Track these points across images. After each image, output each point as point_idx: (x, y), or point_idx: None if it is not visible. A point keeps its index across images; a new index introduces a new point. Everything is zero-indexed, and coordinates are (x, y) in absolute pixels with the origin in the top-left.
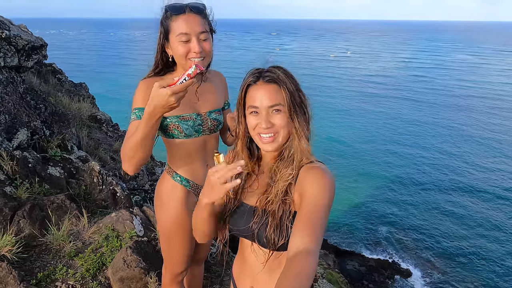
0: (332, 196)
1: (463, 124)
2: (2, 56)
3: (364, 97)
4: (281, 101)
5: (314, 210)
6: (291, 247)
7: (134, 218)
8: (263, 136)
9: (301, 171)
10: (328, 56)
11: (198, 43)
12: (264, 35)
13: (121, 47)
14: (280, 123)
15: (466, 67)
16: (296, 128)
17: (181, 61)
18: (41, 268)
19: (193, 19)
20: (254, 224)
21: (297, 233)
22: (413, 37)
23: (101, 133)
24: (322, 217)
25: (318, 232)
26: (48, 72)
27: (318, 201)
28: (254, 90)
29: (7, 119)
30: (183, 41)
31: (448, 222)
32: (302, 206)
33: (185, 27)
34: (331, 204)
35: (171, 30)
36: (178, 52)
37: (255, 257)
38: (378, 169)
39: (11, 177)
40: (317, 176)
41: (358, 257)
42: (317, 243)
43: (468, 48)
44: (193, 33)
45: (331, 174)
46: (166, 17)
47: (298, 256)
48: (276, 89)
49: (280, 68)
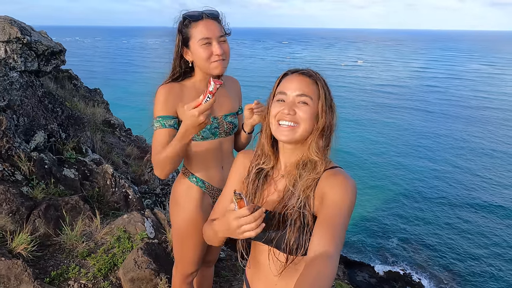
0: (354, 202)
1: (476, 136)
2: (23, 61)
3: (374, 107)
4: (312, 94)
5: (335, 214)
6: (311, 250)
7: (146, 221)
8: (282, 124)
9: (323, 176)
10: (339, 65)
11: (219, 46)
12: (275, 43)
13: (133, 54)
14: (303, 115)
15: (480, 77)
16: (319, 127)
17: (205, 64)
18: (55, 266)
19: (211, 24)
20: (272, 231)
21: (316, 236)
22: (427, 46)
23: (114, 138)
24: (343, 222)
25: (339, 236)
26: (64, 78)
27: (339, 206)
28: (288, 80)
29: (25, 122)
30: (205, 45)
31: (459, 237)
32: (323, 210)
33: (206, 31)
34: (352, 210)
35: (191, 37)
36: (201, 55)
37: (272, 262)
38: (389, 180)
39: (28, 177)
40: (339, 181)
41: (368, 268)
42: (337, 247)
43: (483, 58)
44: (213, 37)
45: (353, 180)
46: (184, 25)
47: (318, 259)
48: (309, 82)
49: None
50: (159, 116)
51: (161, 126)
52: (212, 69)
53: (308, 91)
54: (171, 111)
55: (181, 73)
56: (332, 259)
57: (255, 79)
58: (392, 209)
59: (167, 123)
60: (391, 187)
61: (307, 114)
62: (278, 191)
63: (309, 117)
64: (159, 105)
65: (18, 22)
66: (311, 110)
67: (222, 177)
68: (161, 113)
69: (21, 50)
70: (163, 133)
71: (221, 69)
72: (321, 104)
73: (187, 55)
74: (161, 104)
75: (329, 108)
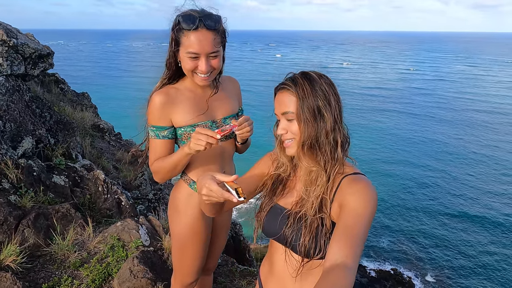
0: (374, 211)
1: (461, 139)
2: (10, 64)
3: (360, 110)
4: (292, 108)
5: (355, 222)
6: (329, 259)
7: (140, 228)
8: (284, 141)
9: (344, 181)
10: (326, 66)
11: (206, 63)
12: (263, 46)
13: (120, 58)
14: (295, 130)
15: (465, 79)
16: (301, 138)
17: (189, 74)
18: (46, 278)
19: (204, 38)
20: (288, 229)
21: (335, 245)
22: (413, 48)
23: (104, 142)
24: (362, 232)
25: (357, 247)
26: (51, 82)
27: (360, 214)
28: (276, 97)
29: (12, 127)
30: (192, 58)
31: (450, 236)
32: (342, 217)
33: (196, 46)
34: (372, 219)
35: (181, 44)
36: (186, 66)
37: (286, 263)
38: (378, 181)
39: (16, 185)
40: (361, 189)
41: (359, 268)
42: (355, 259)
43: (468, 59)
44: (203, 53)
45: (374, 188)
46: (178, 29)
47: (336, 269)
48: (287, 95)
49: (307, 74)
50: (153, 126)
51: (155, 136)
52: (196, 80)
53: (288, 106)
54: (165, 120)
55: (176, 72)
56: (350, 271)
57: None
58: (382, 209)
59: (161, 134)
60: (380, 188)
61: (295, 129)
62: (297, 191)
63: (298, 131)
64: (154, 114)
65: (3, 24)
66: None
67: None
68: (155, 122)
69: (7, 53)
70: (158, 144)
71: (205, 82)
72: (297, 116)
73: (178, 56)
74: (155, 113)
75: (312, 117)
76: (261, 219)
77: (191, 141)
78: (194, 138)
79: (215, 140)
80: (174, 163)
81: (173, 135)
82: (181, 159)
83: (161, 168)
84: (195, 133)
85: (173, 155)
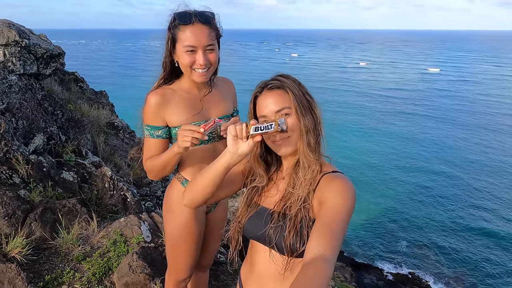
0: (353, 207)
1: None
2: (22, 64)
3: (379, 113)
4: (288, 104)
5: (334, 218)
6: (308, 252)
7: (142, 224)
8: (277, 141)
9: (323, 179)
10: (343, 66)
11: (203, 56)
12: (280, 45)
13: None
14: (291, 126)
15: (490, 79)
16: (301, 129)
17: (186, 70)
18: (49, 270)
19: (200, 31)
20: (271, 228)
21: (314, 239)
22: (435, 46)
23: (118, 140)
24: (341, 226)
25: (336, 241)
26: (70, 80)
27: (338, 210)
28: (261, 100)
29: (24, 125)
30: (189, 52)
31: (469, 240)
32: (322, 214)
33: (193, 39)
34: (351, 215)
35: (178, 40)
36: (184, 61)
37: (267, 263)
38: (398, 185)
39: (26, 180)
40: (339, 185)
41: (376, 271)
42: (334, 251)
43: (494, 58)
44: (200, 46)
45: (352, 185)
46: (174, 26)
47: (314, 262)
48: (280, 93)
49: (285, 75)
50: (148, 125)
51: (149, 135)
52: (194, 77)
53: (284, 102)
54: (159, 120)
55: (172, 73)
56: (329, 263)
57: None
58: (401, 212)
59: (155, 133)
60: (400, 190)
61: (293, 124)
62: (280, 191)
63: (295, 126)
64: (149, 114)
65: (16, 26)
66: (294, 119)
67: None
68: (150, 122)
69: (19, 53)
70: (152, 143)
71: (203, 78)
72: (294, 110)
73: (175, 55)
74: (150, 113)
75: (307, 109)
76: (242, 223)
77: (178, 139)
78: (180, 135)
79: (199, 134)
80: (164, 162)
81: (167, 135)
82: (171, 158)
83: (153, 166)
84: (180, 130)
85: (163, 154)
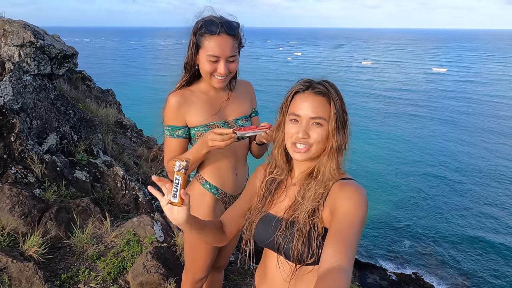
0: (365, 214)
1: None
2: (37, 64)
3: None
4: (325, 115)
5: (347, 226)
6: (324, 263)
7: (155, 224)
8: (297, 146)
9: (334, 186)
10: (347, 66)
11: (225, 66)
12: (283, 43)
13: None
14: (317, 137)
15: (497, 80)
16: (333, 146)
17: (206, 76)
18: (65, 269)
19: (225, 43)
20: (280, 236)
21: (329, 249)
22: (440, 45)
23: (126, 139)
24: (355, 234)
25: (351, 250)
26: (78, 79)
27: (352, 218)
28: (300, 99)
29: (38, 124)
30: (211, 61)
31: (474, 241)
32: (334, 223)
33: (217, 50)
34: (364, 222)
35: (202, 46)
36: (205, 68)
37: (278, 269)
38: (402, 184)
39: (40, 180)
40: (351, 193)
41: (379, 271)
42: (350, 261)
43: (501, 58)
44: (223, 57)
45: (364, 191)
46: (200, 33)
47: (331, 272)
48: (323, 102)
49: (331, 83)
50: (168, 125)
51: (170, 135)
52: (213, 83)
53: (322, 112)
54: (180, 121)
55: (193, 75)
56: (346, 273)
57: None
58: (405, 212)
59: (175, 133)
60: (404, 190)
61: (320, 136)
62: (289, 197)
63: (322, 138)
64: (169, 114)
65: (32, 26)
66: (325, 132)
67: (236, 184)
68: (170, 122)
69: (34, 54)
70: (173, 143)
71: (222, 85)
72: (332, 125)
73: (196, 59)
74: (171, 113)
75: (342, 127)
76: (252, 229)
77: (208, 141)
78: (210, 137)
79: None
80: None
81: (187, 135)
82: (196, 158)
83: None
84: (210, 133)
85: (187, 153)
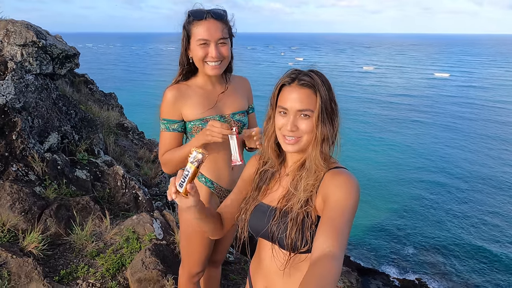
0: (357, 201)
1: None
2: (39, 64)
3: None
4: (312, 107)
5: (339, 214)
6: (315, 250)
7: (154, 222)
8: (287, 137)
9: (326, 175)
10: (348, 71)
11: (215, 48)
12: (285, 49)
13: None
14: (306, 128)
15: (500, 85)
16: (317, 136)
17: (200, 64)
18: (64, 265)
19: (213, 26)
20: (274, 225)
21: (321, 236)
22: (443, 50)
23: (127, 141)
24: (347, 222)
25: (343, 236)
26: (80, 82)
27: (343, 206)
28: (287, 92)
29: (40, 123)
30: (202, 45)
31: (478, 246)
32: (326, 210)
33: (205, 33)
34: (355, 209)
35: (192, 35)
36: (197, 55)
37: (273, 258)
38: (406, 189)
39: (41, 177)
40: (342, 181)
41: (382, 276)
42: (341, 247)
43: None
44: (212, 40)
45: (356, 180)
46: (188, 22)
47: (323, 259)
48: (309, 94)
49: (319, 73)
50: (164, 119)
51: (166, 129)
52: (207, 70)
53: (309, 104)
54: (175, 114)
55: (188, 70)
56: (337, 260)
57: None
58: (407, 219)
59: (171, 126)
60: (406, 198)
61: (308, 127)
62: (283, 187)
63: (311, 129)
64: (165, 108)
65: (34, 27)
66: (313, 121)
67: (232, 178)
68: (166, 116)
69: (36, 54)
70: (168, 137)
71: (216, 71)
72: (316, 116)
73: (189, 52)
74: (167, 107)
75: (328, 118)
76: (246, 219)
77: (206, 133)
78: (209, 130)
79: (229, 132)
80: (183, 155)
81: (183, 129)
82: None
83: (170, 159)
84: (209, 126)
85: (183, 147)
